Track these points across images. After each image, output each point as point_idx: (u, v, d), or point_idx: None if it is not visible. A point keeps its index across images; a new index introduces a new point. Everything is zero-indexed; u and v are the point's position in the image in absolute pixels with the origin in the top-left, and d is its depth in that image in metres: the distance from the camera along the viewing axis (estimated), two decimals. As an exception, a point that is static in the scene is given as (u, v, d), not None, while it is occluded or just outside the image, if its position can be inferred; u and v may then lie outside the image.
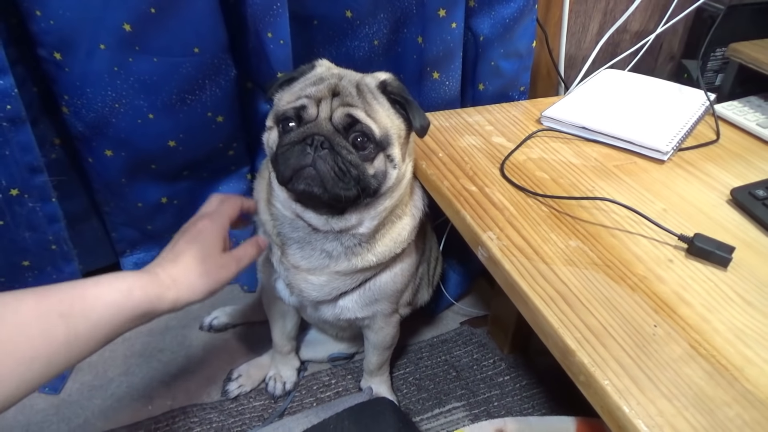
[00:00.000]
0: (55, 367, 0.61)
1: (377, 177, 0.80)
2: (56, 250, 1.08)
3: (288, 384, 1.22)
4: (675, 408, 0.55)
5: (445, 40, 1.07)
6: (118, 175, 1.14)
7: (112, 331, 0.66)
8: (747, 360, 0.61)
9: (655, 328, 0.64)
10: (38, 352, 0.59)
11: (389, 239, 0.91)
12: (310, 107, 0.78)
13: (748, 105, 1.14)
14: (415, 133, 0.83)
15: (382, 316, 1.05)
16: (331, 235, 0.86)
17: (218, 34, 1.00)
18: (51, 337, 0.60)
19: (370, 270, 0.93)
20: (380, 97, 0.82)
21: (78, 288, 0.65)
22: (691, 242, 0.76)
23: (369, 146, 0.78)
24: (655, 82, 1.23)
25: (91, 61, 0.95)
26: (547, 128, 1.07)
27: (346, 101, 0.78)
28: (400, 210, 0.91)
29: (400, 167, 0.83)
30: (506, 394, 1.25)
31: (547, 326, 0.65)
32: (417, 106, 0.82)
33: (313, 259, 0.90)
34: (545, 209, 0.84)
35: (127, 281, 0.68)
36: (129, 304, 0.66)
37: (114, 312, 0.65)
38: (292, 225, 0.88)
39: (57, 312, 0.61)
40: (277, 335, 1.18)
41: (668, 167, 0.97)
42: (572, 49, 1.32)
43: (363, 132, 0.77)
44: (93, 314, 0.63)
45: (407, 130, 0.85)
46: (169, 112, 1.04)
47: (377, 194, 0.82)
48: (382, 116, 0.80)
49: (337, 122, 0.77)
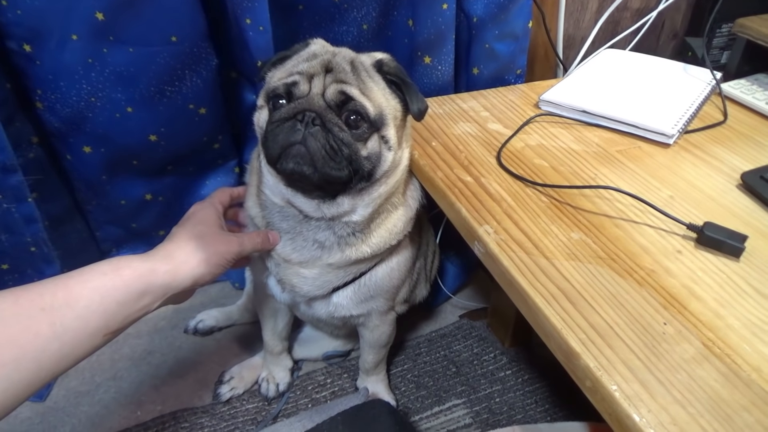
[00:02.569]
0: (47, 367, 0.57)
1: (371, 159, 0.76)
2: (36, 252, 1.04)
3: (281, 385, 1.18)
4: (689, 415, 0.51)
5: (437, 23, 1.02)
6: (98, 172, 1.09)
7: (107, 318, 0.61)
8: (765, 359, 0.57)
9: (665, 326, 0.60)
10: (23, 352, 0.55)
11: (384, 230, 0.86)
12: (302, 83, 0.74)
13: (756, 83, 1.09)
14: (412, 116, 0.79)
15: (378, 313, 1.01)
16: (323, 224, 0.82)
17: (197, 21, 0.95)
18: (34, 333, 0.56)
19: (365, 262, 0.89)
20: (376, 76, 0.78)
21: (61, 279, 0.61)
22: (700, 231, 0.71)
23: (362, 125, 0.74)
24: (658, 61, 1.17)
25: (63, 53, 0.91)
26: (546, 113, 1.02)
27: (340, 78, 0.74)
28: (396, 199, 0.87)
29: (395, 150, 0.79)
30: (508, 389, 1.21)
31: (549, 326, 0.60)
32: (415, 88, 0.78)
33: (305, 251, 0.85)
34: (545, 199, 0.79)
35: (112, 262, 0.65)
36: (118, 283, 0.63)
37: (103, 294, 0.61)
38: (282, 213, 0.84)
39: (38, 306, 0.57)
40: (268, 335, 1.14)
41: (674, 151, 0.92)
42: (570, 29, 1.26)
43: (356, 110, 0.73)
44: (80, 302, 0.60)
45: (404, 112, 0.81)
46: (149, 105, 1.00)
47: (372, 178, 0.78)
48: (377, 95, 0.76)
49: (329, 98, 0.73)
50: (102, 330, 0.61)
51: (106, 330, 0.62)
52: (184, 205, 1.25)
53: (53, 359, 0.57)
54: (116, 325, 0.63)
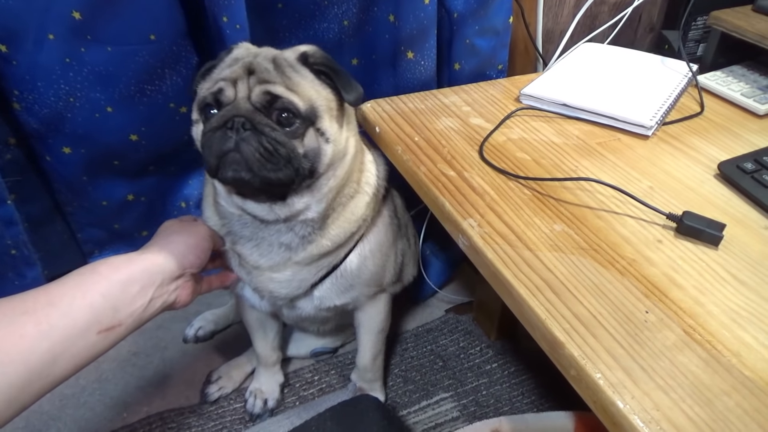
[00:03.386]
0: (39, 369, 0.55)
1: (308, 155, 0.75)
2: (16, 254, 1.02)
3: (270, 401, 1.15)
4: (672, 400, 0.52)
5: (419, 18, 1.02)
6: (78, 173, 1.08)
7: (95, 312, 0.60)
8: (744, 344, 0.58)
9: (646, 314, 0.61)
10: (8, 355, 0.53)
11: (343, 220, 0.86)
12: (227, 89, 0.74)
13: (731, 75, 1.10)
14: (348, 104, 0.78)
15: (366, 297, 1.01)
16: (282, 227, 0.82)
17: (175, 19, 0.94)
18: (19, 335, 0.54)
19: (332, 254, 0.89)
20: (302, 70, 0.77)
21: (40, 287, 0.60)
22: (680, 221, 0.72)
23: (295, 122, 0.73)
24: (636, 54, 1.19)
25: (40, 53, 0.89)
26: (527, 107, 1.03)
27: (263, 78, 0.73)
28: (350, 189, 0.86)
29: (336, 142, 0.78)
30: (495, 382, 1.22)
31: (534, 317, 0.61)
32: (346, 76, 0.77)
33: (272, 255, 0.85)
34: (527, 192, 0.80)
35: (90, 265, 0.65)
36: (97, 277, 0.63)
37: (84, 290, 0.61)
38: (240, 221, 0.84)
39: (20, 311, 0.56)
40: (260, 346, 1.13)
41: (653, 143, 0.94)
42: (549, 23, 1.27)
43: (285, 107, 0.73)
44: (63, 300, 0.59)
45: (338, 102, 0.80)
46: (128, 105, 0.99)
47: (315, 174, 0.78)
48: (305, 88, 0.75)
49: (255, 101, 0.73)
50: (94, 326, 0.60)
51: (99, 326, 0.61)
52: (167, 205, 1.25)
53: (45, 360, 0.56)
54: (108, 319, 0.62)
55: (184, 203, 1.24)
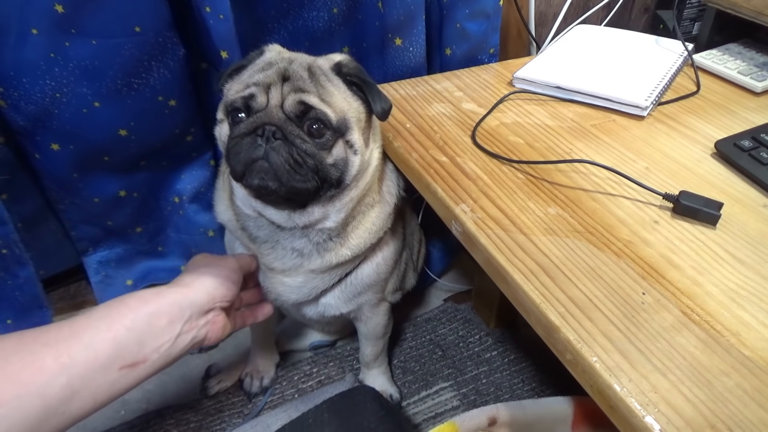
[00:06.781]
0: (55, 404, 0.52)
1: (337, 166, 0.74)
2: (7, 254, 1.01)
3: (265, 379, 1.16)
4: (670, 382, 0.51)
5: (405, 3, 1.00)
6: (68, 170, 1.06)
7: (118, 346, 0.57)
8: (743, 323, 0.57)
9: (643, 296, 0.60)
10: (26, 388, 0.51)
11: (363, 230, 0.85)
12: (259, 95, 0.71)
13: (727, 53, 1.09)
14: (376, 116, 0.77)
15: (369, 306, 1.00)
16: (297, 232, 0.81)
17: (160, 10, 0.92)
18: (38, 367, 0.52)
19: (348, 264, 0.88)
20: (335, 80, 0.75)
21: (66, 320, 0.58)
22: (676, 201, 0.71)
23: (326, 133, 0.72)
24: (630, 35, 1.17)
25: (24, 48, 0.88)
26: (520, 90, 1.01)
27: (298, 86, 0.71)
28: (370, 198, 0.85)
29: (362, 154, 0.77)
30: (494, 370, 1.22)
31: (529, 302, 0.60)
32: (377, 88, 0.76)
33: (285, 259, 0.84)
34: (521, 176, 0.79)
35: (117, 298, 0.62)
36: (124, 310, 0.60)
37: (110, 322, 0.58)
38: (256, 223, 0.83)
39: (41, 342, 0.54)
40: (257, 331, 1.13)
41: (648, 123, 0.92)
42: (542, 6, 1.25)
43: (318, 118, 0.71)
44: (87, 331, 0.56)
45: (367, 113, 0.78)
46: (116, 99, 0.97)
47: (341, 185, 0.76)
48: (338, 100, 0.74)
49: (288, 110, 0.71)
50: (116, 361, 0.57)
51: (121, 361, 0.57)
52: (160, 200, 1.23)
53: (63, 395, 0.52)
54: (132, 355, 0.58)
55: (177, 198, 1.23)
